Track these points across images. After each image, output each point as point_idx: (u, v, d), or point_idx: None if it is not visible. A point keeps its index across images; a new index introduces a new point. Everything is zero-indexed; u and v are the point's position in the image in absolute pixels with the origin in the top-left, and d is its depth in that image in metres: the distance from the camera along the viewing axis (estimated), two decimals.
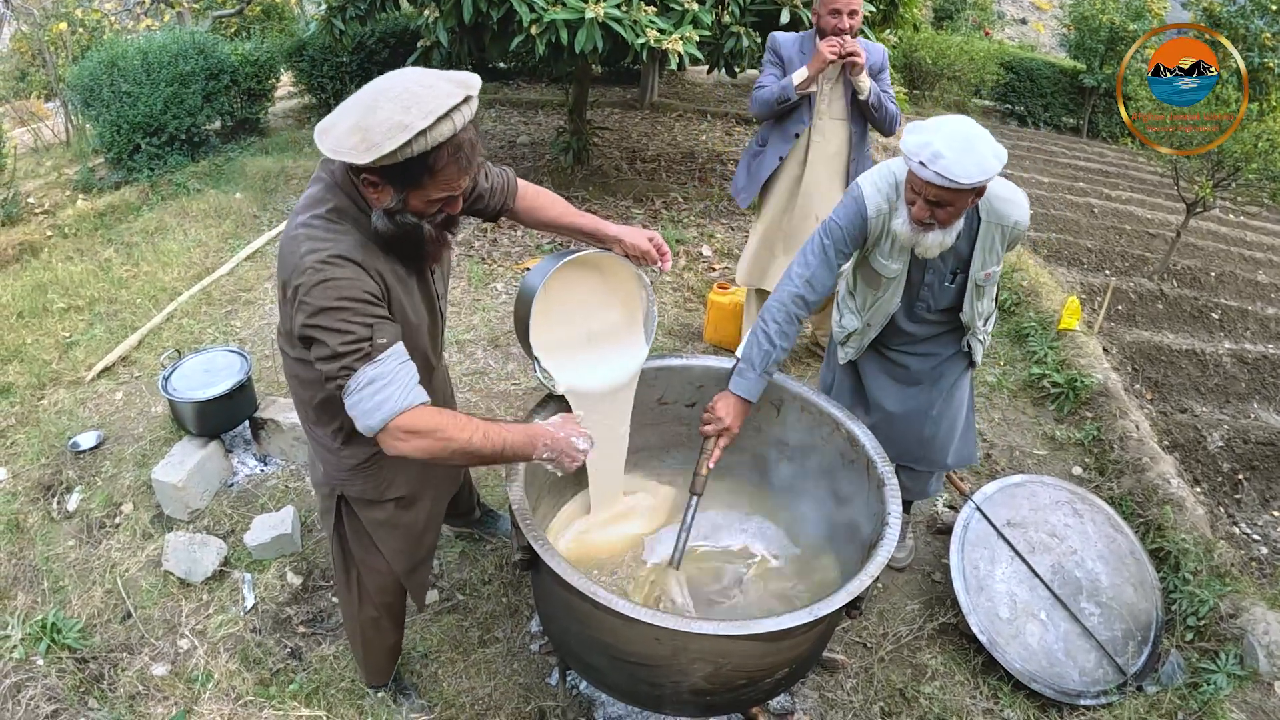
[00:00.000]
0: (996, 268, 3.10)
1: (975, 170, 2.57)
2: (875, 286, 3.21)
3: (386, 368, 2.08)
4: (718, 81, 12.21)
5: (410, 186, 2.01)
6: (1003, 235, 3.01)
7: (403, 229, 2.08)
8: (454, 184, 2.05)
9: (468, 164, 2.03)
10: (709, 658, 2.38)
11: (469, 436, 2.20)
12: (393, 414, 2.09)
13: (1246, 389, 6.01)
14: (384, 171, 1.96)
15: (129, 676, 3.31)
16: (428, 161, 1.95)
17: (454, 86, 1.95)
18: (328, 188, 2.14)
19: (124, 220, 7.34)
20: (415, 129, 1.86)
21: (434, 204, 2.08)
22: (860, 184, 3.03)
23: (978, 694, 3.49)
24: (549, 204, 2.80)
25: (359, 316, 2.05)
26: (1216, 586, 3.79)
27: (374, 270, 2.10)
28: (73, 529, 4.06)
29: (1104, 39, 13.87)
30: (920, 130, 2.67)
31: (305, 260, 2.04)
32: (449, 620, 3.65)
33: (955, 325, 3.34)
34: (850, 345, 3.47)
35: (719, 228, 7.27)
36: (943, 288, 3.15)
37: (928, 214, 2.77)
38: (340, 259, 2.04)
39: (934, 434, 3.57)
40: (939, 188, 2.64)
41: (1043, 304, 6.15)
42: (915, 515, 4.27)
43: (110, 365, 5.23)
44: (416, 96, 1.90)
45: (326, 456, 2.57)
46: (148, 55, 7.98)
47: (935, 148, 2.58)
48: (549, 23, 5.14)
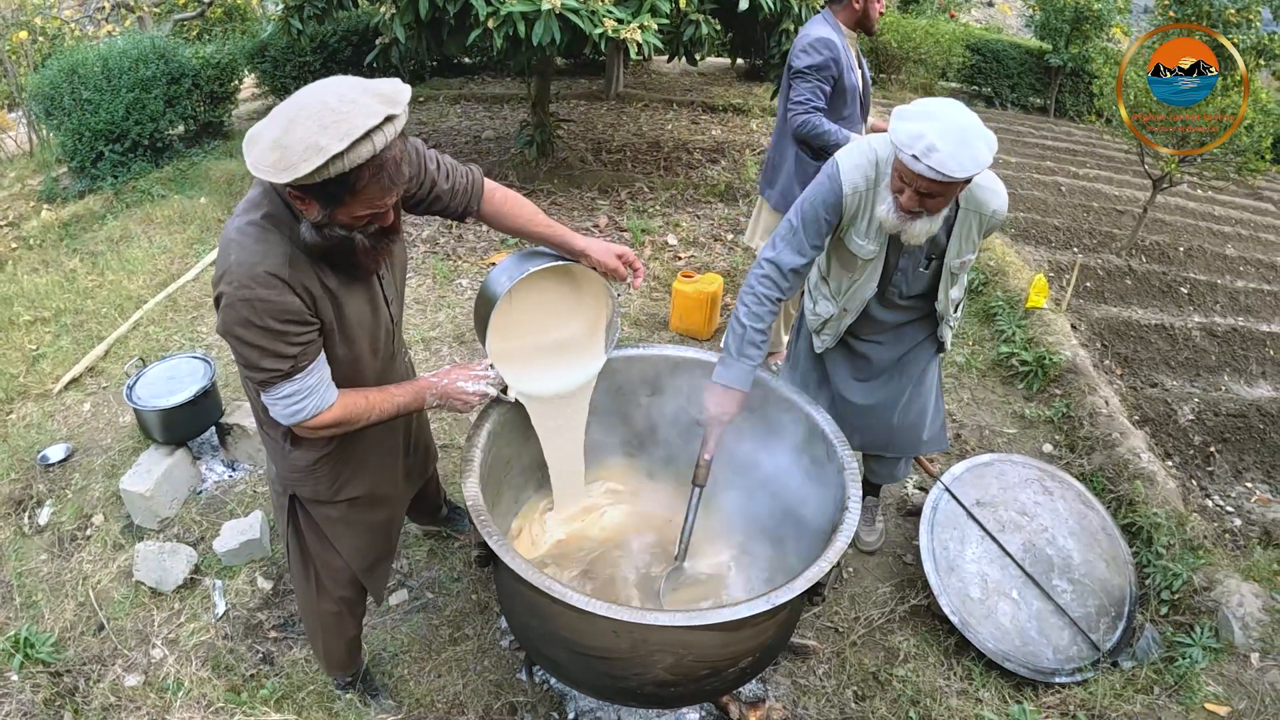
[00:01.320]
0: (972, 255, 3.07)
1: (970, 163, 2.52)
2: (851, 269, 3.15)
3: (304, 384, 2.20)
4: (684, 71, 12.21)
5: (334, 204, 1.98)
6: (980, 223, 2.97)
7: (331, 242, 2.05)
8: (378, 202, 2.01)
9: (391, 183, 1.98)
10: (669, 649, 2.38)
11: (366, 415, 2.39)
12: (300, 420, 2.26)
13: (1217, 362, 6.05)
14: (305, 189, 1.92)
15: (102, 688, 3.28)
16: (348, 181, 1.90)
17: (378, 104, 1.87)
18: (264, 191, 2.11)
19: (89, 229, 7.27)
20: (330, 152, 1.81)
21: (361, 219, 2.04)
22: (838, 160, 2.95)
23: (951, 675, 3.50)
24: (517, 210, 2.71)
25: (282, 341, 2.10)
26: (1189, 560, 3.82)
27: (300, 286, 2.09)
28: (44, 543, 4.03)
29: (1069, 19, 13.89)
30: (911, 118, 2.59)
31: (233, 271, 2.04)
32: (418, 619, 3.64)
33: (927, 312, 3.32)
34: (826, 332, 3.42)
35: (685, 216, 7.27)
36: (916, 273, 3.12)
37: (917, 203, 2.71)
38: (267, 276, 2.03)
39: (904, 422, 3.56)
40: (931, 180, 2.58)
41: (1010, 283, 6.17)
42: (884, 498, 4.27)
43: (77, 376, 5.19)
44: (335, 114, 1.83)
45: (277, 456, 2.60)
46: (108, 61, 7.90)
47: (929, 140, 2.50)
48: (506, 15, 5.12)
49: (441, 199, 2.55)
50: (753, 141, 9.16)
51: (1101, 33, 14.00)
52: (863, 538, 4.06)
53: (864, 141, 2.98)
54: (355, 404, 2.36)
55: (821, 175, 2.99)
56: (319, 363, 2.23)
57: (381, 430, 2.66)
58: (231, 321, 2.07)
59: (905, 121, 2.59)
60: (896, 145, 2.59)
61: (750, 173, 8.07)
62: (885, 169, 2.87)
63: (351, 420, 2.36)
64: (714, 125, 9.80)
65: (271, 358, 2.11)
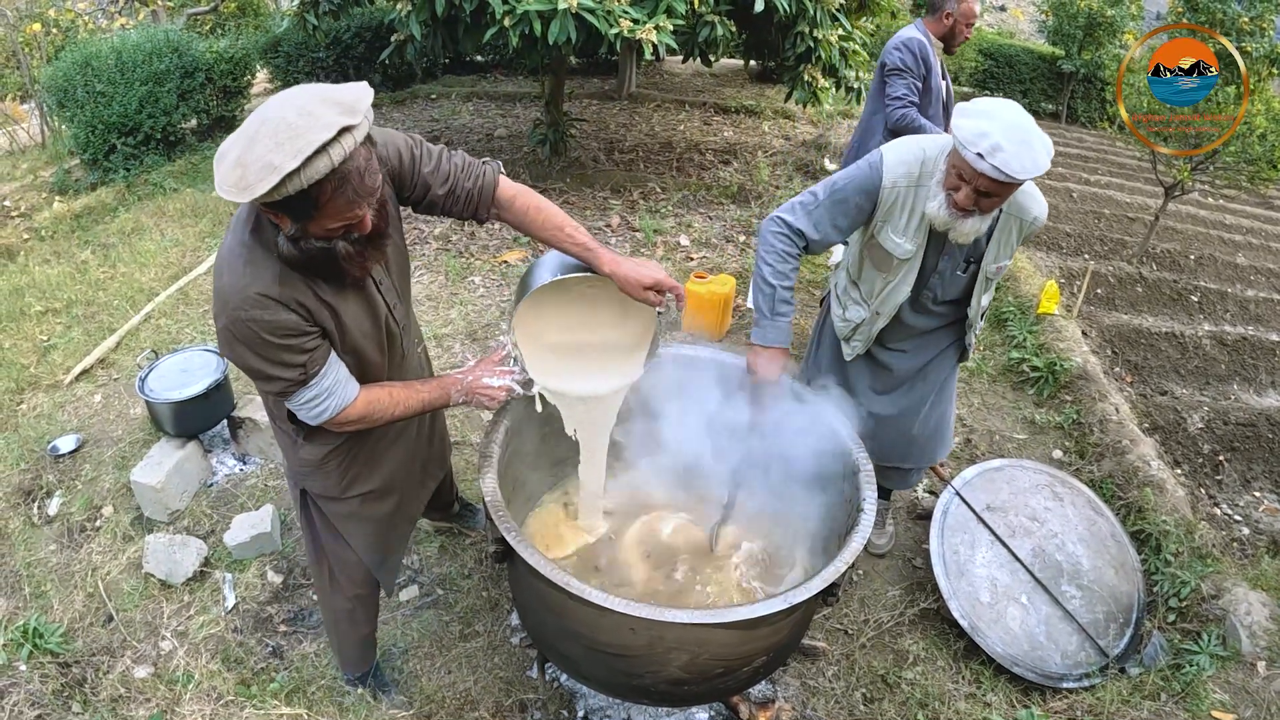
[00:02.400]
0: (1008, 261, 3.05)
1: (1032, 166, 2.51)
2: (885, 269, 3.10)
3: (321, 386, 2.24)
4: (696, 71, 12.20)
5: (303, 218, 1.94)
6: (1020, 229, 2.96)
7: (308, 254, 2.02)
8: (347, 214, 1.96)
9: (356, 195, 1.92)
10: (685, 647, 2.38)
11: (391, 410, 2.42)
12: (329, 419, 2.31)
13: (1226, 370, 6.04)
14: (272, 205, 1.89)
15: (111, 679, 3.29)
16: (310, 197, 1.86)
17: (335, 115, 1.81)
18: (250, 206, 2.07)
19: (101, 221, 7.31)
20: (284, 171, 1.76)
21: (334, 231, 2.00)
22: (884, 152, 2.92)
23: (959, 679, 3.50)
24: (541, 219, 2.51)
25: (285, 353, 2.12)
26: (1198, 567, 3.82)
27: (293, 302, 2.08)
28: (53, 533, 4.04)
29: (1082, 25, 13.87)
30: (974, 115, 2.58)
31: (225, 295, 2.05)
32: (429, 615, 3.65)
33: (957, 318, 3.30)
34: (857, 339, 3.37)
35: (697, 217, 7.26)
36: (954, 276, 3.08)
37: (973, 202, 2.69)
38: (258, 297, 2.03)
39: (924, 432, 3.56)
40: (992, 180, 2.57)
41: (1021, 289, 6.17)
42: (895, 501, 4.27)
43: (88, 368, 5.21)
44: (292, 130, 1.78)
45: (289, 452, 2.63)
46: (121, 54, 7.93)
47: (994, 140, 2.49)
48: (522, 14, 5.12)
49: (439, 204, 2.44)
50: (765, 143, 9.15)
51: (1114, 39, 13.97)
52: (873, 541, 4.06)
53: (914, 139, 2.96)
54: (380, 399, 2.39)
55: (863, 162, 2.96)
56: (332, 363, 2.25)
57: (395, 425, 2.65)
58: (231, 344, 2.12)
59: (969, 119, 2.58)
60: (960, 142, 2.58)
61: (763, 174, 8.06)
62: (931, 168, 2.85)
63: (376, 415, 2.39)
64: (726, 127, 9.79)
65: (281, 368, 2.14)
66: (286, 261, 2.04)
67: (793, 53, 6.46)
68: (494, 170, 2.47)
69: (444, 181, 2.38)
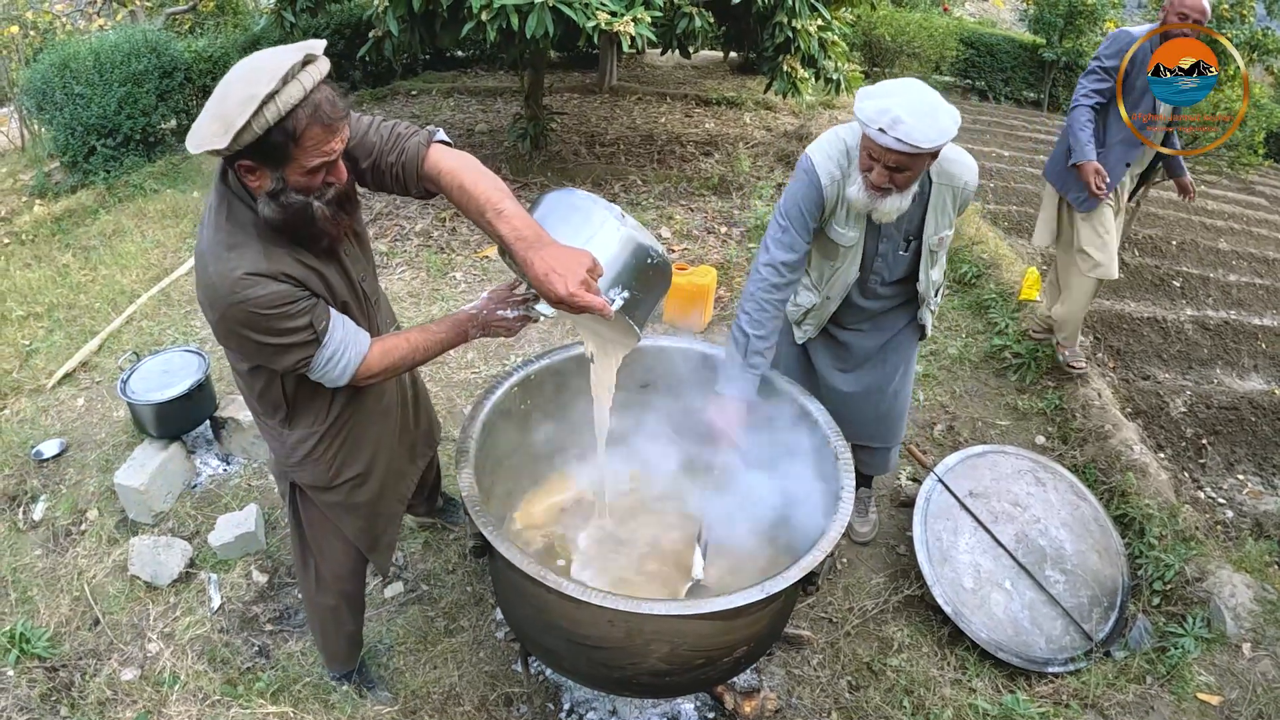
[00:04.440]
0: (948, 231, 3.11)
1: (935, 133, 2.57)
2: (832, 257, 3.17)
3: (335, 340, 2.25)
4: (677, 64, 12.19)
5: (282, 161, 1.98)
6: (954, 197, 3.02)
7: (290, 210, 2.05)
8: (323, 147, 2.00)
9: (329, 120, 1.98)
10: (664, 638, 2.39)
11: (411, 354, 2.42)
12: (354, 371, 2.32)
13: (1209, 355, 6.07)
14: (253, 152, 1.94)
15: (98, 682, 3.28)
16: (287, 128, 1.91)
17: (295, 52, 1.92)
18: (220, 194, 2.13)
19: (81, 224, 7.27)
20: (262, 94, 1.84)
21: (314, 174, 2.04)
22: (809, 154, 2.99)
23: (945, 665, 3.52)
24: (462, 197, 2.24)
25: (289, 320, 2.14)
26: (1181, 551, 3.84)
27: (280, 274, 2.12)
28: (39, 538, 4.03)
29: (1062, 13, 13.94)
30: (874, 96, 2.64)
31: (215, 284, 2.09)
32: (414, 611, 3.65)
33: (909, 297, 3.34)
34: (809, 322, 3.44)
35: (678, 210, 7.27)
36: (897, 256, 3.14)
37: (886, 179, 2.74)
38: (247, 277, 2.07)
39: (889, 409, 3.60)
40: (899, 153, 2.62)
41: (1003, 276, 6.19)
42: (877, 489, 4.30)
43: (71, 371, 5.19)
44: (259, 68, 1.89)
45: (276, 445, 2.64)
46: (100, 55, 7.87)
47: (894, 114, 2.55)
48: (499, 8, 5.10)
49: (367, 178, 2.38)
50: (746, 135, 9.15)
51: (1095, 27, 14.04)
52: (856, 529, 4.08)
53: (831, 132, 3.02)
54: (397, 345, 2.40)
55: (799, 171, 3.03)
56: (336, 318, 2.27)
57: (378, 405, 2.71)
58: (233, 334, 2.16)
59: (870, 99, 2.64)
60: (863, 121, 2.63)
61: (744, 165, 8.06)
62: (855, 154, 2.90)
63: (396, 362, 2.39)
64: (707, 118, 9.78)
65: (290, 335, 2.17)
66: (269, 224, 2.07)
67: (771, 43, 6.45)
68: (420, 142, 2.29)
69: (367, 155, 2.31)
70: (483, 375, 5.14)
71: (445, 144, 2.33)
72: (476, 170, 2.25)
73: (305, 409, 2.52)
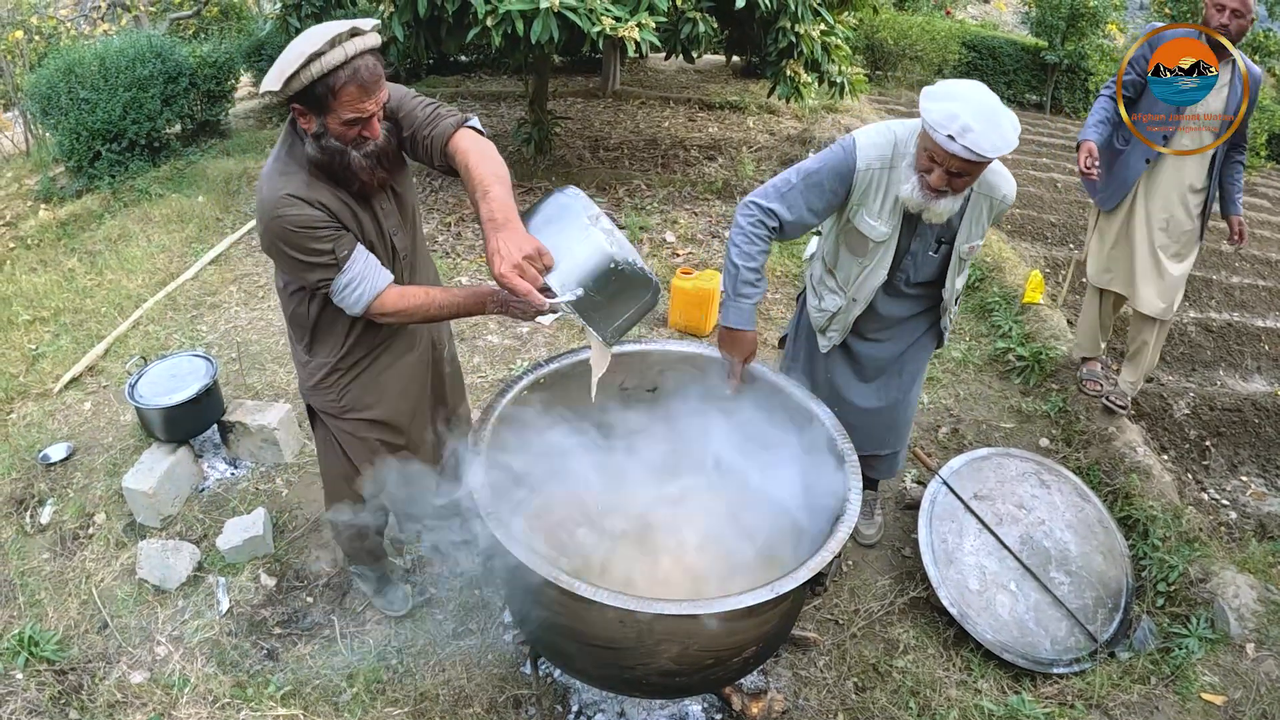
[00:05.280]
0: (979, 241, 3.13)
1: (1001, 144, 2.60)
2: (861, 253, 3.16)
3: (354, 271, 2.56)
4: (680, 68, 12.19)
5: (323, 110, 2.36)
6: (990, 208, 3.04)
7: (329, 154, 2.44)
8: (358, 105, 2.35)
9: (365, 84, 2.33)
10: (675, 638, 2.41)
11: (426, 305, 2.67)
12: (369, 302, 2.61)
13: (1212, 356, 6.09)
14: (301, 98, 2.33)
15: (108, 685, 3.30)
16: (329, 83, 2.29)
17: (345, 24, 2.30)
18: (287, 133, 2.55)
19: (87, 229, 7.28)
20: (308, 53, 2.23)
21: (350, 126, 2.39)
22: (855, 136, 2.99)
23: (950, 666, 3.53)
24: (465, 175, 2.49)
25: (316, 241, 2.49)
26: (1185, 552, 3.86)
27: (316, 202, 2.48)
28: (46, 542, 4.05)
29: (1064, 16, 13.93)
30: (942, 98, 2.66)
31: (263, 202, 2.50)
32: (423, 614, 3.68)
33: (932, 304, 3.36)
34: (834, 328, 3.43)
35: (682, 214, 7.28)
36: (926, 257, 3.15)
37: (945, 182, 2.76)
38: (288, 198, 2.45)
39: (899, 418, 3.63)
40: (964, 160, 2.65)
41: (1007, 279, 6.21)
42: (883, 491, 4.31)
43: (77, 376, 5.21)
44: (313, 35, 2.27)
45: (299, 370, 3.03)
46: (105, 60, 7.90)
47: (964, 121, 2.57)
48: (504, 14, 5.13)
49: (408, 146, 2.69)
50: (749, 139, 9.16)
51: (1097, 29, 14.02)
52: (862, 531, 4.09)
53: (884, 124, 3.02)
54: (415, 294, 2.67)
55: (836, 146, 3.03)
56: (359, 251, 2.59)
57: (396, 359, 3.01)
58: (272, 243, 2.54)
59: (937, 102, 2.65)
60: (930, 125, 2.64)
61: (748, 170, 8.08)
62: (903, 150, 2.91)
63: (411, 307, 2.65)
64: (711, 122, 9.79)
65: (314, 255, 2.50)
66: (313, 163, 2.47)
67: (774, 48, 6.47)
68: (452, 123, 2.59)
69: (410, 125, 2.62)
70: (489, 379, 5.17)
71: (476, 130, 2.62)
72: (482, 154, 2.50)
73: (324, 338, 2.87)
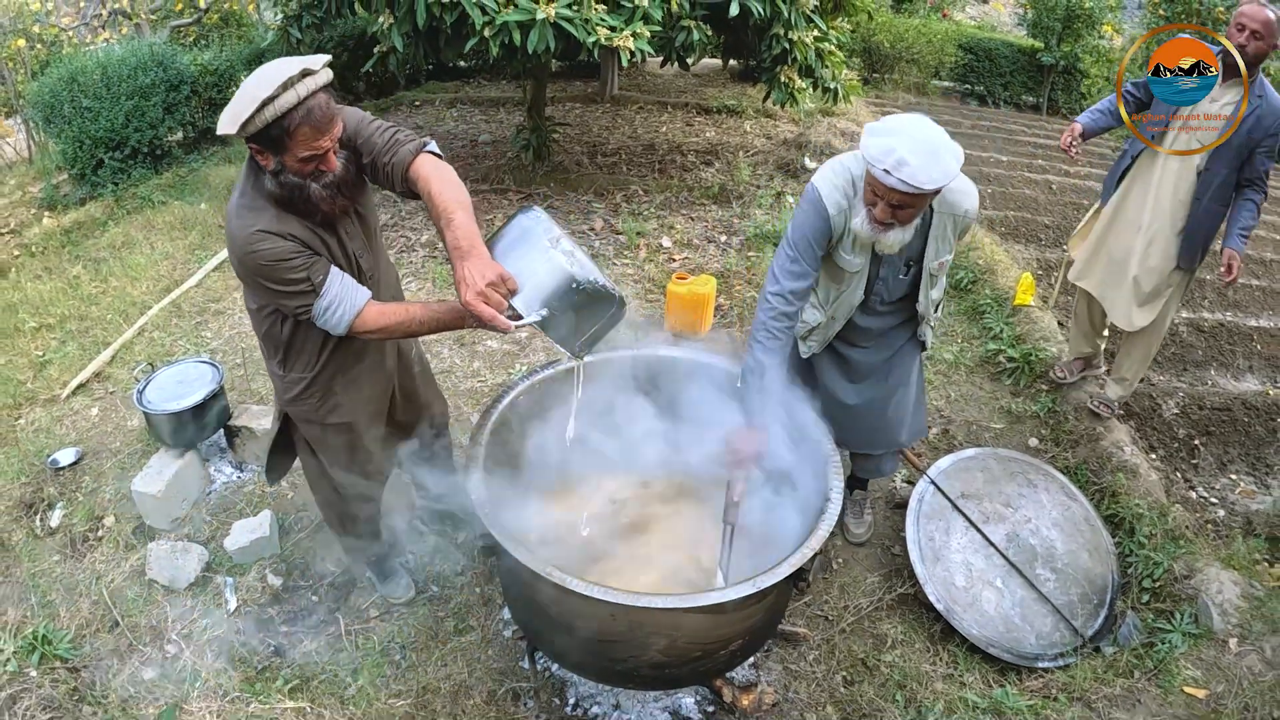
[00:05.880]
0: (948, 256, 3.22)
1: (939, 175, 2.67)
2: (838, 281, 3.29)
3: (332, 294, 2.64)
4: (678, 72, 12.19)
5: (280, 149, 2.44)
6: (954, 225, 3.13)
7: (288, 189, 2.51)
8: (312, 144, 2.43)
9: (318, 124, 2.41)
10: (663, 631, 2.51)
11: (407, 321, 2.74)
12: (350, 321, 2.68)
13: (1204, 356, 6.13)
14: (257, 139, 2.42)
15: (120, 681, 3.41)
16: (283, 125, 2.36)
17: (296, 65, 2.35)
18: (249, 167, 2.62)
19: (90, 236, 7.36)
20: (260, 98, 2.29)
21: (307, 162, 2.48)
22: (816, 185, 3.07)
23: (937, 660, 3.62)
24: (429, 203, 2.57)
25: (291, 271, 2.56)
26: (1171, 549, 3.93)
27: (286, 234, 2.55)
28: (56, 544, 4.13)
29: (1060, 17, 13.97)
30: (881, 134, 2.73)
31: (234, 240, 2.57)
32: (424, 611, 3.76)
33: (909, 316, 3.46)
34: (814, 339, 3.56)
35: (679, 219, 7.34)
36: (897, 280, 3.26)
37: (889, 215, 2.85)
38: (259, 234, 2.52)
39: (889, 419, 3.70)
40: (902, 193, 2.72)
41: (998, 281, 6.27)
42: (872, 491, 4.40)
43: (84, 382, 5.28)
44: (265, 77, 2.33)
45: (275, 383, 3.12)
46: (107, 69, 7.98)
47: (899, 155, 2.64)
48: (502, 24, 5.21)
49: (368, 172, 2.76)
50: (746, 143, 9.22)
51: (1093, 31, 14.07)
52: (852, 529, 4.19)
53: (837, 161, 3.10)
54: (395, 311, 2.74)
55: (804, 202, 3.11)
56: (334, 274, 2.66)
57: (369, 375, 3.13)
58: (246, 274, 2.62)
59: (875, 137, 2.73)
60: (868, 160, 2.72)
61: (744, 174, 8.14)
62: (860, 184, 2.98)
63: (392, 323, 2.73)
64: (708, 127, 9.84)
65: (290, 284, 2.58)
66: (274, 199, 2.54)
67: (769, 54, 6.54)
68: (410, 150, 2.66)
69: (369, 153, 2.69)
70: (489, 384, 5.24)
71: (434, 154, 2.69)
72: (443, 180, 2.60)
73: (297, 356, 2.95)
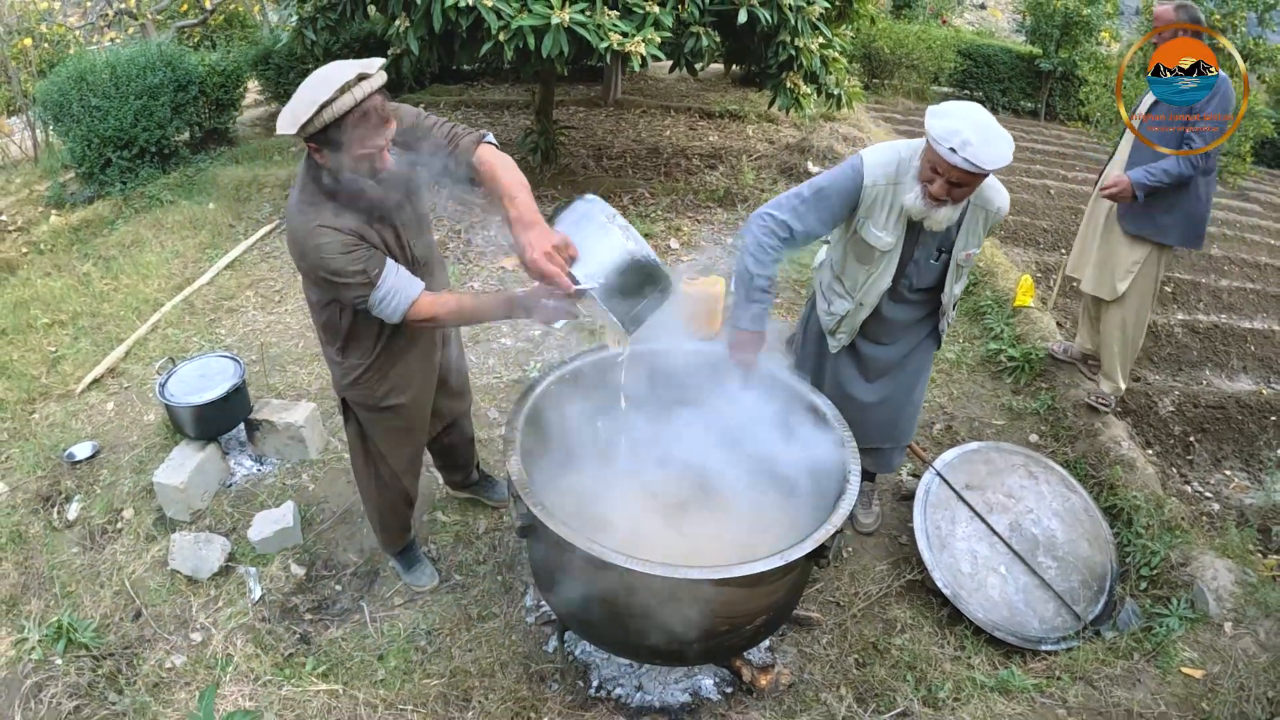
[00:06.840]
0: (976, 249, 3.39)
1: (997, 158, 2.85)
2: (868, 261, 3.40)
3: (388, 285, 2.77)
4: (680, 77, 12.25)
5: (337, 149, 2.54)
6: (985, 219, 3.31)
7: (344, 184, 2.64)
8: (369, 143, 2.55)
9: (374, 125, 2.53)
10: (696, 603, 2.62)
11: (458, 311, 2.92)
12: (405, 310, 2.82)
13: (1198, 357, 6.25)
14: (317, 139, 2.53)
15: (149, 667, 3.48)
16: (341, 126, 2.48)
17: (353, 69, 2.47)
18: (307, 165, 2.74)
19: (99, 234, 7.41)
20: (319, 101, 2.41)
21: (362, 160, 2.59)
22: (863, 155, 3.26)
23: (945, 643, 3.73)
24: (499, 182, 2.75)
25: (351, 264, 2.69)
26: (1167, 538, 4.04)
27: (346, 229, 2.69)
28: (75, 536, 4.19)
29: (1058, 24, 14.08)
30: (945, 116, 2.91)
31: (296, 237, 2.73)
32: (448, 600, 3.85)
33: (933, 308, 3.60)
34: (843, 331, 3.67)
35: (685, 221, 7.43)
36: (928, 264, 3.40)
37: (945, 192, 3.02)
38: (319, 229, 2.66)
39: (901, 415, 3.85)
40: (964, 171, 2.90)
41: (999, 283, 6.38)
42: (880, 484, 4.51)
43: (99, 377, 5.35)
44: (325, 79, 2.44)
45: (333, 369, 3.28)
46: (116, 69, 8.01)
47: (964, 135, 2.83)
48: (517, 29, 5.30)
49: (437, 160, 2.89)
50: (749, 147, 9.30)
51: (1090, 37, 14.19)
52: (861, 519, 4.30)
53: (890, 144, 3.28)
54: (446, 301, 2.89)
55: (846, 165, 3.28)
56: (390, 267, 2.79)
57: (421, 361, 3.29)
58: (308, 269, 2.76)
59: (939, 119, 2.91)
60: (934, 138, 2.90)
61: (748, 178, 8.21)
62: (907, 168, 3.16)
63: (444, 313, 2.88)
64: (711, 131, 9.91)
65: (349, 276, 2.70)
66: (332, 195, 2.68)
67: (775, 61, 6.60)
68: (472, 141, 2.86)
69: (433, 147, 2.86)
70: (504, 380, 5.33)
71: (492, 144, 2.89)
72: (505, 167, 2.80)
73: (355, 343, 3.10)
